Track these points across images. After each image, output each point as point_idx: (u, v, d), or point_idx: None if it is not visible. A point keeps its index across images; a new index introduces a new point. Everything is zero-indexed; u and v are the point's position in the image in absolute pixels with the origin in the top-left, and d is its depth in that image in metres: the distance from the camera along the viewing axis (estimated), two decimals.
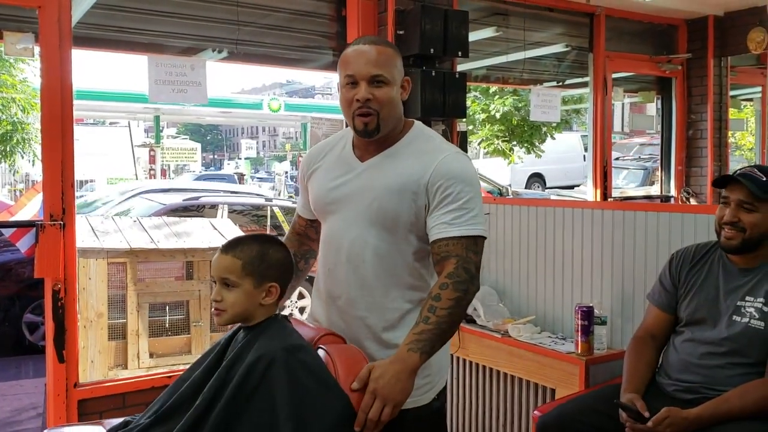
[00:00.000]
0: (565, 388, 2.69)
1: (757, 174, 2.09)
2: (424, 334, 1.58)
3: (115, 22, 3.46)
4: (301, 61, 4.03)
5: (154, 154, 16.90)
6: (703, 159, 5.59)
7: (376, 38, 1.79)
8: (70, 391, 2.99)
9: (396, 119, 1.76)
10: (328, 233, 1.82)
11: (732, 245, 2.11)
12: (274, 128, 47.43)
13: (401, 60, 1.77)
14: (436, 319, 1.60)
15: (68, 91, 2.92)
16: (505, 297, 3.35)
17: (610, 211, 2.93)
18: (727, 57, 5.52)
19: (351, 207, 1.76)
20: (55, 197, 2.90)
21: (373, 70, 1.69)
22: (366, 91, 1.68)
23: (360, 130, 1.72)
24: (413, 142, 1.77)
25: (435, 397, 1.80)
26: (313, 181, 1.87)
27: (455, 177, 1.68)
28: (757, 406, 1.95)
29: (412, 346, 1.57)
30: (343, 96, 1.74)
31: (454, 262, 1.65)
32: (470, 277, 1.66)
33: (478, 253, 1.70)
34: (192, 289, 4.49)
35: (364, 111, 1.69)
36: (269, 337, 1.51)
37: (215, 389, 1.46)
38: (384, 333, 1.74)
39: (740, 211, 2.08)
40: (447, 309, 1.61)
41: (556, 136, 11.92)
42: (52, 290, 2.92)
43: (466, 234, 1.67)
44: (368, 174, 1.76)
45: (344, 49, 1.77)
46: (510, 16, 4.72)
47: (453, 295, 1.62)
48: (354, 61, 1.71)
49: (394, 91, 1.72)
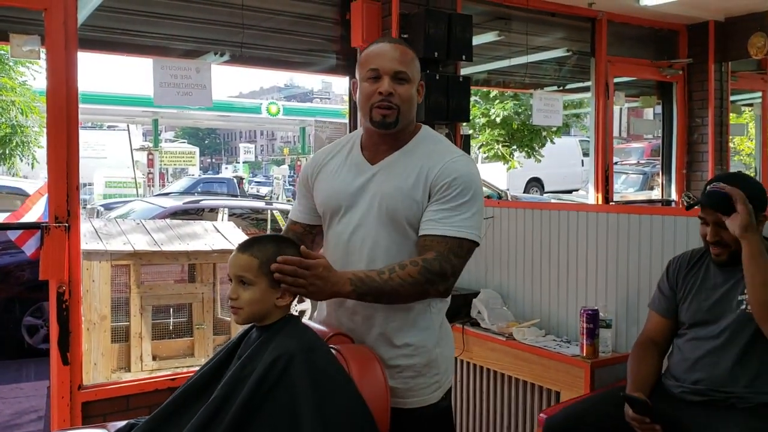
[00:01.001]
0: (570, 391, 2.69)
1: (724, 189, 2.07)
2: (369, 280, 1.60)
3: (119, 25, 3.47)
4: (305, 65, 4.03)
5: (152, 157, 16.90)
6: (704, 164, 5.61)
7: (398, 39, 1.85)
8: (74, 393, 2.98)
9: (411, 119, 1.79)
10: (337, 235, 1.81)
11: (722, 260, 2.15)
12: (272, 132, 47.51)
13: (419, 62, 1.80)
14: (387, 277, 1.61)
15: (74, 93, 2.92)
16: (509, 300, 3.35)
17: (615, 215, 2.94)
18: (728, 62, 5.55)
19: (362, 208, 1.77)
20: (60, 199, 2.89)
21: (397, 67, 1.71)
22: (389, 85, 1.70)
23: (377, 121, 1.72)
24: (422, 143, 1.80)
25: (443, 396, 1.81)
26: (320, 183, 1.87)
27: (458, 178, 1.70)
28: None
29: (353, 279, 1.59)
30: (363, 90, 1.74)
31: (434, 255, 1.66)
32: (442, 273, 1.65)
33: (461, 257, 1.69)
34: (195, 291, 4.49)
35: (384, 104, 1.70)
36: (287, 336, 1.52)
37: (230, 386, 1.46)
38: (394, 334, 1.75)
39: (720, 229, 2.11)
40: (402, 279, 1.61)
41: (554, 140, 11.96)
42: (57, 292, 2.91)
43: (452, 234, 1.67)
44: (380, 176, 1.77)
45: (366, 48, 1.80)
46: (512, 20, 4.74)
47: (416, 274, 1.62)
48: (378, 56, 1.73)
49: (413, 90, 1.76)
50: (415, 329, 1.75)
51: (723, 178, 2.17)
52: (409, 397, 1.75)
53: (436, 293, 1.69)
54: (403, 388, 1.74)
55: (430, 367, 1.77)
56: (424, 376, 1.76)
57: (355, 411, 1.46)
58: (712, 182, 2.17)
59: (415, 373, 1.75)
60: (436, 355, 1.79)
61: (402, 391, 1.74)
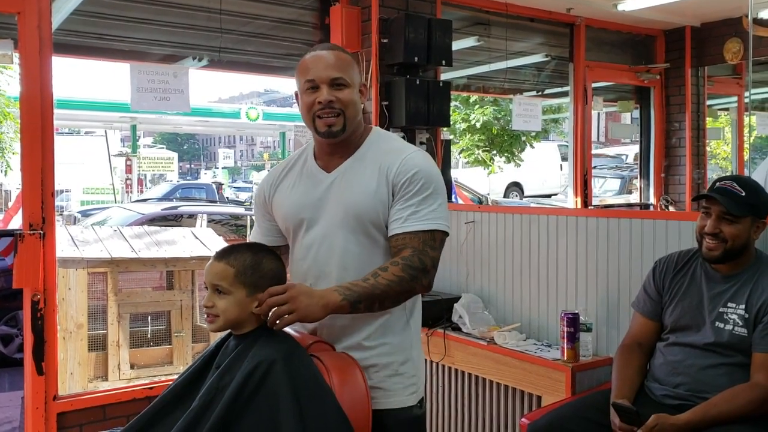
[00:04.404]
0: (551, 395, 2.69)
1: (736, 189, 2.10)
2: (356, 287, 1.59)
3: (96, 29, 3.43)
4: (284, 69, 4.02)
5: (130, 163, 16.73)
6: (682, 167, 5.67)
7: (332, 45, 1.81)
8: (49, 404, 2.93)
9: (358, 122, 1.77)
10: (305, 248, 1.78)
11: (714, 256, 2.13)
12: (252, 137, 47.24)
13: (358, 66, 1.78)
14: (373, 282, 1.60)
15: (48, 98, 2.88)
16: (490, 305, 3.35)
17: (594, 219, 2.95)
18: (704, 67, 5.63)
19: (326, 218, 1.75)
20: (34, 207, 2.85)
21: (333, 73, 1.69)
22: (328, 93, 1.69)
23: (323, 131, 1.71)
24: (375, 143, 1.79)
25: (417, 403, 1.79)
26: (279, 200, 1.84)
27: (419, 172, 1.69)
28: (745, 410, 1.97)
29: (339, 289, 1.58)
30: (303, 101, 1.73)
31: (410, 251, 1.66)
32: (423, 267, 1.66)
33: (436, 249, 1.70)
34: (173, 299, 4.44)
35: (327, 112, 1.69)
36: (265, 344, 1.50)
37: (208, 396, 1.44)
38: (371, 337, 1.73)
39: (722, 223, 2.10)
40: (388, 280, 1.61)
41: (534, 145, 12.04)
42: (31, 301, 2.86)
43: (423, 228, 1.67)
44: (338, 183, 1.75)
45: (301, 59, 1.77)
46: (492, 25, 4.76)
47: (399, 272, 1.62)
48: (313, 66, 1.71)
49: (354, 93, 1.73)
50: (392, 329, 1.75)
51: (735, 179, 2.17)
52: (387, 398, 1.73)
53: (421, 288, 1.69)
54: (380, 387, 1.72)
55: (407, 367, 1.76)
56: (402, 375, 1.75)
57: (335, 419, 1.44)
58: (723, 180, 2.17)
59: (393, 372, 1.74)
60: (413, 355, 1.78)
61: (379, 391, 1.72)
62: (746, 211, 2.08)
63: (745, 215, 2.09)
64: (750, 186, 2.14)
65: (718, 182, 2.16)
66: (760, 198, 2.13)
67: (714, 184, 2.18)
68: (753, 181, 2.24)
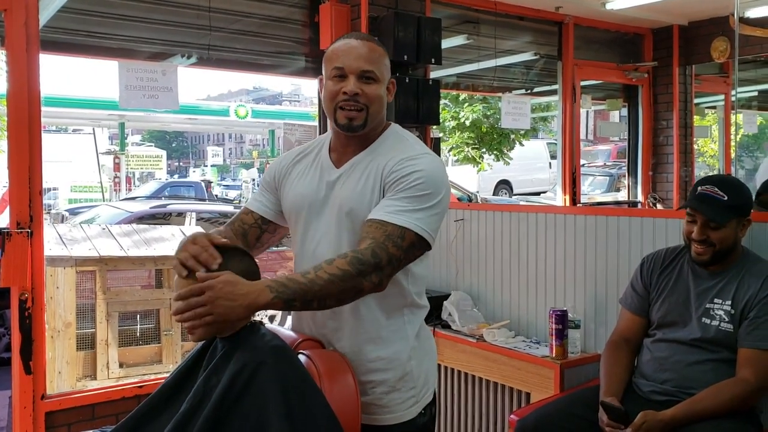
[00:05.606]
0: (540, 391, 2.71)
1: (718, 194, 2.11)
2: (292, 283, 1.42)
3: (84, 26, 3.41)
4: (273, 67, 4.00)
5: (118, 161, 16.64)
6: (669, 165, 5.71)
7: (366, 35, 1.73)
8: (38, 403, 2.92)
9: (381, 119, 1.69)
10: (307, 241, 1.72)
11: (703, 260, 2.16)
12: (240, 135, 47.09)
13: (389, 60, 1.70)
14: (312, 276, 1.43)
15: (36, 96, 2.86)
16: (479, 302, 3.36)
17: (582, 216, 2.97)
18: (692, 65, 5.68)
19: (327, 215, 1.69)
20: (22, 205, 2.83)
21: (364, 65, 1.61)
22: (355, 85, 1.59)
23: (343, 124, 1.62)
24: (386, 141, 1.70)
25: (421, 411, 1.69)
26: (287, 185, 1.78)
27: (414, 173, 1.57)
28: (729, 405, 2.00)
29: (272, 285, 1.41)
30: (328, 89, 1.64)
31: (368, 242, 1.50)
32: (376, 262, 1.47)
33: (401, 249, 1.51)
34: (162, 297, 4.41)
35: (350, 105, 1.60)
36: (252, 345, 1.47)
37: (195, 399, 1.42)
38: (364, 346, 1.66)
39: (707, 229, 2.12)
40: (330, 274, 1.44)
41: (523, 143, 12.07)
42: (19, 300, 2.85)
43: (394, 222, 1.52)
44: (342, 180, 1.68)
45: (332, 45, 1.69)
46: (481, 24, 4.78)
47: (345, 266, 1.45)
48: (344, 54, 1.62)
49: (382, 89, 1.65)
50: (387, 341, 1.65)
51: (716, 182, 2.16)
52: (384, 414, 1.65)
53: (371, 286, 1.49)
54: (377, 404, 1.64)
55: (404, 381, 1.66)
56: (399, 390, 1.65)
57: (324, 419, 1.43)
58: (704, 183, 2.17)
59: (389, 388, 1.65)
60: (411, 368, 1.67)
61: (376, 407, 1.64)
62: (730, 216, 2.10)
63: (730, 219, 2.11)
64: (731, 186, 2.15)
65: (700, 186, 2.17)
66: (742, 197, 2.15)
67: (696, 188, 2.19)
68: (734, 179, 2.26)
